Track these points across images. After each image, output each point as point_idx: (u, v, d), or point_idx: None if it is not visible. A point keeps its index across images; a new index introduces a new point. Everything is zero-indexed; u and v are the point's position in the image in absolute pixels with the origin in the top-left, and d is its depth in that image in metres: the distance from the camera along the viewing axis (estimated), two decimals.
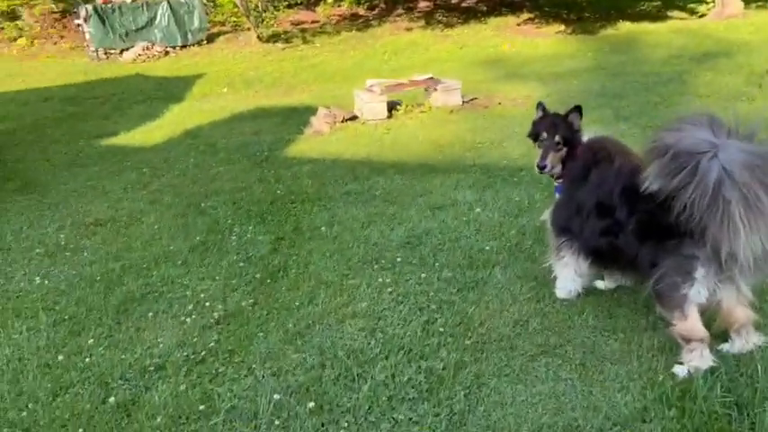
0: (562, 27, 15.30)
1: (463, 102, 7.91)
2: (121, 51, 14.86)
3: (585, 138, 3.24)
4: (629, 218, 2.82)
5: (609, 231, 2.96)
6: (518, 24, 16.36)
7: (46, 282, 4.23)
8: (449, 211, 4.77)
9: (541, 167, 3.21)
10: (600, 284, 3.46)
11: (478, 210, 4.71)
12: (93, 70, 14.12)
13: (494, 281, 3.68)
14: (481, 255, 4.01)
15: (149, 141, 8.08)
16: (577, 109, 3.22)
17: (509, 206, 4.73)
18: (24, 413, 2.90)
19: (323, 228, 4.65)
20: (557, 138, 3.19)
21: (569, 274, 3.30)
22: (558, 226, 3.27)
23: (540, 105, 3.39)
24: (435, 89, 7.88)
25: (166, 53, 15.17)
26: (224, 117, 9.18)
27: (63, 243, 4.88)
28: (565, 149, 3.21)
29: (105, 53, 14.93)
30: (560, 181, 3.30)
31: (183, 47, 15.73)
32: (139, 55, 14.65)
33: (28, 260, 4.63)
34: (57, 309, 3.86)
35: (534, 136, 3.32)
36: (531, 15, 16.89)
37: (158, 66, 14.46)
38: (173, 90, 11.83)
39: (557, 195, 3.34)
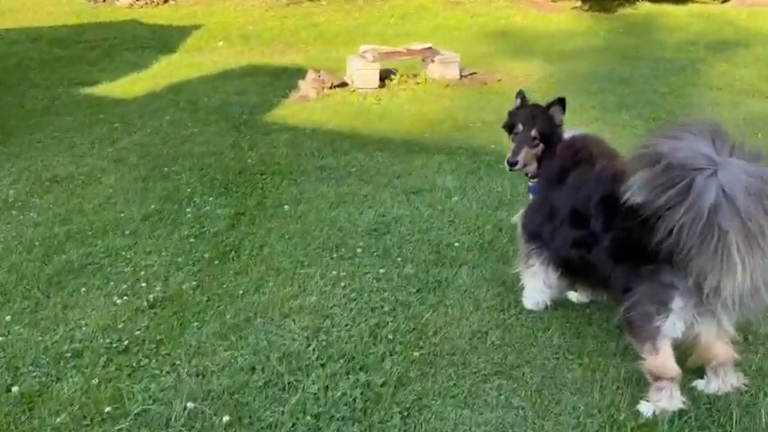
0: (578, 3, 14.66)
1: (461, 75, 7.49)
2: None
3: (567, 134, 2.88)
4: (605, 233, 2.48)
5: (582, 244, 2.63)
6: None
7: None
8: (425, 196, 4.42)
9: (512, 164, 2.86)
10: (572, 296, 3.14)
11: (456, 198, 4.36)
12: (88, 12, 13.59)
13: (458, 282, 3.36)
14: (450, 250, 3.68)
15: (130, 93, 7.69)
16: (560, 102, 2.85)
17: (490, 197, 4.38)
18: None
19: (286, 206, 4.32)
20: (533, 132, 2.84)
21: (537, 284, 2.98)
22: (528, 231, 2.94)
23: (520, 94, 3.02)
24: (433, 60, 7.44)
25: (166, 0, 14.61)
26: (213, 73, 8.77)
27: (12, 200, 4.57)
28: (542, 146, 2.86)
29: None
30: (535, 180, 2.95)
31: None
32: (137, 0, 14.09)
33: None
34: None
35: (509, 128, 2.96)
36: None
37: (156, 13, 13.91)
38: (167, 40, 11.34)
39: (530, 196, 3.00)
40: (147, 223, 4.14)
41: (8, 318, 3.13)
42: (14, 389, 2.65)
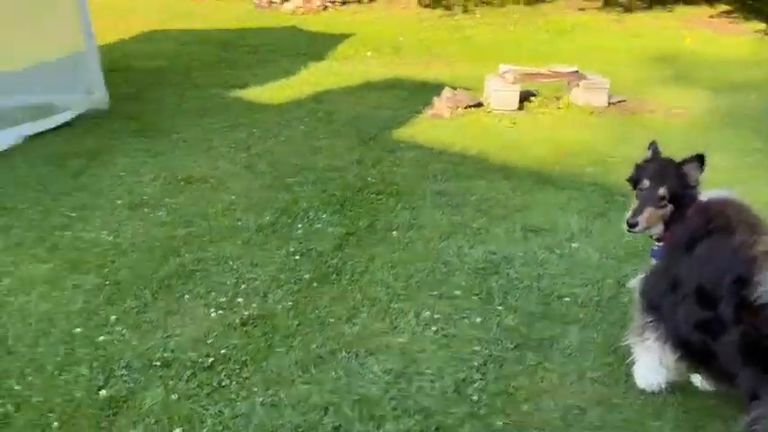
0: (763, 26, 13.18)
1: (609, 103, 6.94)
2: (283, 1, 15.08)
3: (704, 196, 2.47)
4: (735, 324, 2.08)
5: (706, 328, 2.24)
6: (710, 17, 14.36)
7: (111, 238, 4.20)
8: (543, 237, 4.10)
9: (631, 225, 2.51)
10: (696, 380, 2.71)
11: (578, 243, 3.99)
12: (254, 17, 14.46)
13: (564, 343, 3.03)
14: (560, 304, 3.35)
15: (275, 100, 8.00)
16: (698, 159, 2.45)
17: (617, 246, 3.95)
18: (20, 386, 2.81)
19: (395, 231, 4.19)
20: (661, 191, 2.47)
21: (652, 362, 2.60)
22: (646, 300, 2.57)
23: (652, 146, 2.66)
24: (578, 84, 6.98)
25: (325, 7, 15.18)
26: (356, 83, 8.89)
27: (147, 197, 4.86)
28: (670, 207, 2.47)
29: (269, 1, 15.24)
30: (660, 244, 2.57)
31: (344, 3, 15.65)
32: (299, 7, 14.76)
33: (111, 210, 4.66)
34: (108, 270, 3.79)
35: (634, 182, 2.60)
36: (730, 7, 14.72)
37: (315, 20, 14.50)
38: (319, 47, 11.74)
39: (653, 261, 2.61)
40: (260, 234, 4.21)
41: (114, 317, 3.29)
42: (103, 392, 2.76)
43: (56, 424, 2.57)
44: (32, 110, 6.67)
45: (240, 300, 3.44)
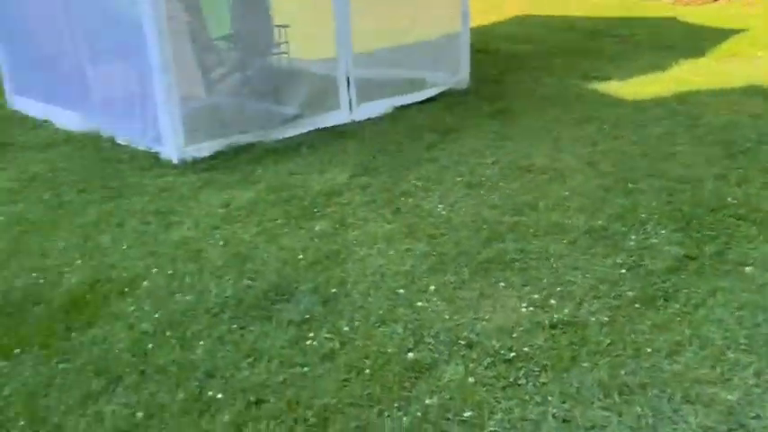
0: None
1: None
2: None
3: None
4: None
5: None
6: None
7: (446, 212, 4.46)
8: None
9: None
10: None
11: None
12: (631, 7, 13.66)
13: None
14: None
15: (634, 95, 7.48)
16: None
17: None
18: (348, 328, 3.18)
19: (750, 267, 3.55)
20: None
21: None
22: None
23: None
24: None
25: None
26: (734, 86, 7.77)
27: (484, 179, 5.02)
28: None
29: None
30: None
31: None
32: None
33: (451, 185, 4.95)
34: (436, 241, 4.04)
35: None
36: None
37: (699, 12, 13.06)
38: (697, 42, 10.56)
39: None
40: (587, 237, 4.01)
41: (433, 287, 3.50)
42: (411, 354, 2.96)
43: (368, 371, 2.85)
44: (406, 83, 7.46)
45: (553, 301, 3.33)
